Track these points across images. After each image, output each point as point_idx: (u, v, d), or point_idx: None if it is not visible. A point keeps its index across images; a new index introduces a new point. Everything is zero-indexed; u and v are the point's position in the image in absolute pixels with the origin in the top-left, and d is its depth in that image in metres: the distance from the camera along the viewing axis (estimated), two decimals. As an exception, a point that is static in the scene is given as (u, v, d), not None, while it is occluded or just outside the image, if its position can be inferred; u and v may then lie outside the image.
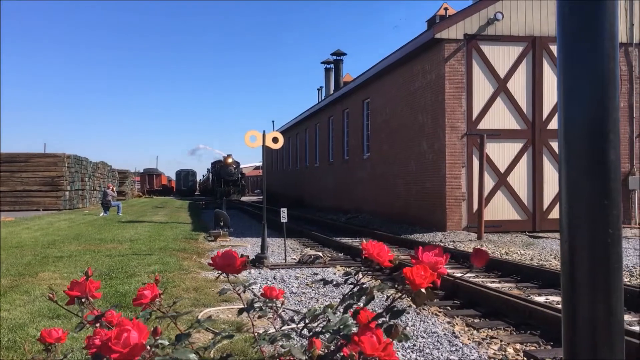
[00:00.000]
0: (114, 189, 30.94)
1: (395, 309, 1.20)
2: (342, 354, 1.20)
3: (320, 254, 10.88)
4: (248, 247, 13.40)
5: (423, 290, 1.14)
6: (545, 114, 16.73)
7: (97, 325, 1.47)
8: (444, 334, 5.37)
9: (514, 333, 5.68)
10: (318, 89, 45.77)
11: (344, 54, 39.64)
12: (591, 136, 1.28)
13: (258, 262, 10.07)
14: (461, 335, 5.38)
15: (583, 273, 1.27)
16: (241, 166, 40.49)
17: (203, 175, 75.67)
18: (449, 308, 6.75)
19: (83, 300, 1.53)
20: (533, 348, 5.13)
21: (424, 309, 6.39)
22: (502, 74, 16.54)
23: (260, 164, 41.97)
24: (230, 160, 38.03)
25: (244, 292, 1.52)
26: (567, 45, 1.36)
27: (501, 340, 5.32)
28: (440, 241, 14.42)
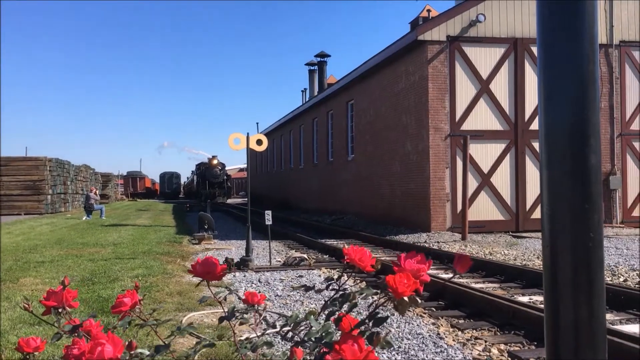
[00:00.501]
0: (97, 192, 30.66)
1: (379, 315, 1.19)
2: (324, 362, 1.18)
3: (305, 256, 10.86)
4: (233, 249, 13.34)
5: (406, 298, 1.13)
6: (527, 115, 16.88)
7: (75, 334, 1.44)
8: (429, 335, 5.38)
9: (498, 333, 5.71)
10: (302, 91, 45.81)
11: (328, 56, 39.70)
12: (572, 140, 1.28)
13: (243, 264, 10.02)
14: (446, 337, 5.40)
15: (565, 276, 1.27)
16: (226, 168, 40.10)
17: (187, 178, 75.14)
18: (433, 309, 6.77)
19: (60, 310, 1.50)
20: (517, 348, 5.16)
21: (408, 311, 6.40)
22: (484, 75, 16.67)
23: (245, 166, 41.65)
24: (215, 161, 37.18)
25: (225, 298, 1.50)
26: (547, 47, 1.35)
27: (485, 341, 5.35)
28: (425, 242, 14.47)
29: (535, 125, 16.82)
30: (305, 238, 15.14)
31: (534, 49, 16.80)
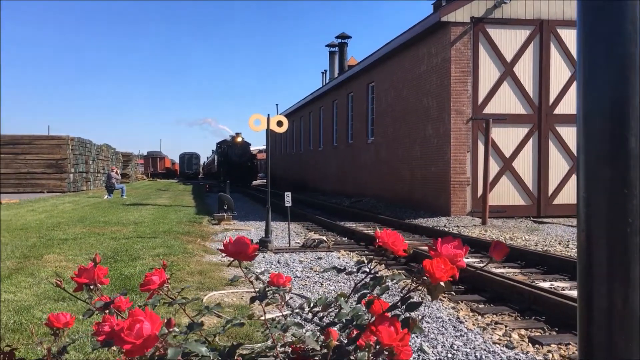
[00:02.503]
0: (118, 171, 30.96)
1: (411, 300, 1.18)
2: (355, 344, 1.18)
3: (324, 238, 10.89)
4: (252, 230, 13.42)
5: (442, 283, 1.11)
6: (552, 99, 16.61)
7: (107, 311, 1.45)
8: (449, 319, 5.37)
9: (519, 319, 5.68)
10: (322, 72, 45.49)
11: (349, 37, 39.33)
12: (610, 123, 1.25)
13: (262, 246, 10.08)
14: (466, 321, 5.38)
15: (600, 262, 1.25)
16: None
17: (207, 158, 75.37)
18: (453, 293, 6.75)
19: (91, 287, 1.52)
20: (538, 334, 5.13)
21: (428, 294, 6.39)
22: (508, 58, 16.40)
23: (264, 147, 41.21)
24: (240, 139, 33.53)
25: (257, 278, 1.50)
26: (587, 28, 1.30)
27: (506, 326, 5.32)
28: (445, 226, 14.41)
29: (559, 110, 16.57)
30: (324, 220, 15.16)
31: (560, 32, 16.48)
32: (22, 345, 4.28)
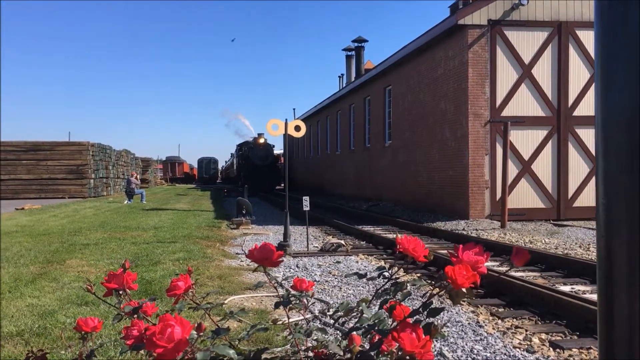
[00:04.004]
0: (138, 177, 31.30)
1: (432, 306, 1.20)
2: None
3: (342, 242, 10.90)
4: (270, 234, 13.48)
5: (464, 289, 1.13)
6: (570, 101, 16.47)
7: (135, 316, 1.49)
8: (468, 323, 5.35)
9: (539, 323, 5.64)
10: (339, 76, 45.56)
11: (365, 41, 39.33)
12: (631, 128, 1.25)
13: (281, 249, 10.11)
14: (486, 325, 5.37)
15: (621, 270, 1.25)
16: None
17: (225, 161, 75.65)
18: (472, 298, 6.72)
19: (120, 292, 1.56)
20: (559, 338, 5.09)
21: (447, 299, 6.37)
22: (526, 60, 16.31)
23: (281, 151, 41.19)
24: (262, 140, 31.08)
25: (281, 284, 1.54)
26: (607, 29, 1.29)
27: (526, 330, 5.29)
28: (463, 229, 14.35)
29: (578, 112, 16.43)
30: (341, 224, 15.18)
31: (579, 33, 16.35)
32: (47, 349, 4.36)
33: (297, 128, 10.74)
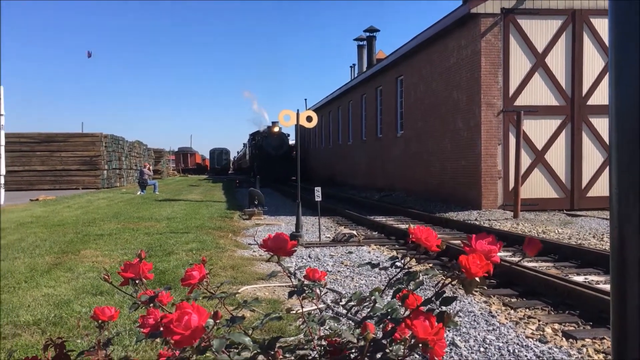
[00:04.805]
0: (150, 167, 31.49)
1: (445, 295, 1.21)
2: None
3: (354, 232, 10.91)
4: (282, 225, 13.52)
5: (477, 278, 1.14)
6: (584, 90, 16.31)
7: (151, 305, 1.52)
8: (481, 313, 5.36)
9: (552, 313, 5.63)
10: (351, 67, 45.41)
11: (377, 30, 39.10)
12: (644, 120, 1.24)
13: (293, 240, 10.15)
14: (498, 315, 5.36)
15: (633, 260, 1.25)
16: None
17: (238, 152, 75.79)
18: (485, 287, 6.72)
19: (136, 281, 1.59)
20: (572, 328, 5.08)
21: (459, 288, 6.37)
22: (540, 48, 16.15)
23: (293, 142, 41.13)
24: (277, 129, 29.99)
25: (294, 274, 1.55)
26: (620, 18, 1.28)
27: (539, 320, 5.28)
28: (475, 219, 14.31)
29: (592, 101, 16.27)
30: (353, 214, 15.18)
31: (593, 21, 16.15)
32: (63, 338, 4.42)
33: (309, 119, 10.74)
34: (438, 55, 19.16)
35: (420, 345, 1.13)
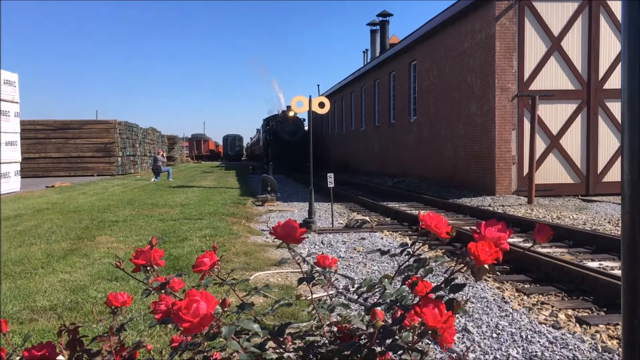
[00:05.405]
0: (164, 154, 31.63)
1: (454, 282, 1.20)
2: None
3: (367, 218, 10.91)
4: (295, 211, 13.56)
5: (486, 265, 1.13)
6: (601, 74, 16.08)
7: (162, 291, 1.53)
8: (494, 299, 5.35)
9: (566, 299, 5.61)
10: (364, 52, 45.16)
11: (390, 15, 38.78)
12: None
13: (305, 226, 10.18)
14: (511, 301, 5.35)
15: (646, 245, 1.24)
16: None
17: (251, 138, 75.87)
18: (497, 273, 6.70)
19: (148, 268, 1.60)
20: (586, 314, 5.06)
21: (471, 275, 6.35)
22: (555, 32, 15.93)
23: (306, 128, 40.99)
24: (292, 113, 30.09)
25: (304, 260, 1.56)
26: (632, 9, 1.27)
27: (552, 306, 5.26)
28: (489, 205, 14.24)
29: (609, 85, 16.04)
30: (366, 200, 15.17)
31: (610, 3, 15.88)
32: (79, 323, 4.49)
33: (322, 105, 10.71)
34: (452, 40, 18.97)
35: (430, 332, 1.13)
